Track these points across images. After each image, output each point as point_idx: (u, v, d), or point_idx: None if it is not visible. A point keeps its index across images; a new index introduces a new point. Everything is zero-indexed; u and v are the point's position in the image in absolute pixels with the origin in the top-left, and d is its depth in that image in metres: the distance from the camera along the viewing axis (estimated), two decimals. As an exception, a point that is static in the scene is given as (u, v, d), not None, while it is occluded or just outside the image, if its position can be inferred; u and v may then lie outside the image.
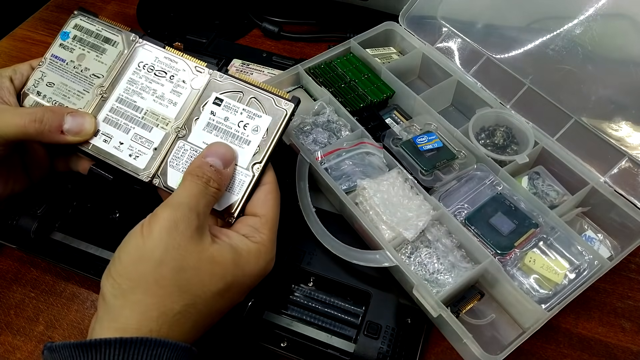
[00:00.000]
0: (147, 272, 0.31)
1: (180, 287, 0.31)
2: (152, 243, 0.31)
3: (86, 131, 0.40)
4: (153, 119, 0.40)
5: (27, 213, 0.46)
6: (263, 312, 0.42)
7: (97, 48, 0.42)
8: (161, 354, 0.29)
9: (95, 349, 0.28)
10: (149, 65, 0.41)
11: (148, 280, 0.31)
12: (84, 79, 0.42)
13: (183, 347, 0.31)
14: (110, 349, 0.28)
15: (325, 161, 0.47)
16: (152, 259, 0.31)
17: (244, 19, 0.73)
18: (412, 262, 0.42)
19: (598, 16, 0.46)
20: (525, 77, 0.51)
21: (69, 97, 0.42)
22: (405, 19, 0.59)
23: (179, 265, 0.31)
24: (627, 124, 0.45)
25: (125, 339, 0.29)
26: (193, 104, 0.40)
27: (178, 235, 0.32)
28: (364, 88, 0.54)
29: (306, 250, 0.45)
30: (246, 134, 0.38)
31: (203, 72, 0.41)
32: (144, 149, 0.40)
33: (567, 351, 0.43)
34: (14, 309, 0.46)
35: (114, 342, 0.28)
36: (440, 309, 0.38)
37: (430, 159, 0.47)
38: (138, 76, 0.41)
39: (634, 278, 0.47)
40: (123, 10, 0.75)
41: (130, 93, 0.41)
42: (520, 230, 0.43)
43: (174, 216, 0.32)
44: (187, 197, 0.33)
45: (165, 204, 0.33)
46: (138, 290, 0.31)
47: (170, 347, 0.30)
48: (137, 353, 0.29)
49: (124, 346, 0.28)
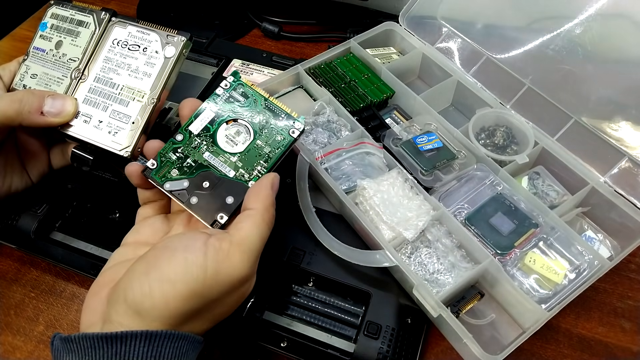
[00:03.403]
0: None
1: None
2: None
3: (66, 112, 0.40)
4: (129, 93, 0.41)
5: (27, 213, 0.46)
6: (263, 312, 0.42)
7: (72, 32, 0.43)
8: (181, 346, 0.31)
9: (121, 340, 0.29)
10: (123, 41, 0.42)
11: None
12: (62, 64, 0.43)
13: (198, 340, 0.33)
14: (137, 341, 0.29)
15: (325, 161, 0.47)
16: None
17: (244, 19, 0.73)
18: (412, 262, 0.42)
19: (598, 16, 0.46)
20: (525, 77, 0.51)
21: (50, 85, 0.43)
22: (405, 19, 0.59)
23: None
24: (627, 124, 0.45)
25: (151, 332, 0.29)
26: (167, 73, 0.41)
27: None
28: (364, 88, 0.54)
29: (306, 250, 0.45)
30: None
31: (175, 40, 0.41)
32: (122, 124, 0.40)
33: (567, 351, 0.43)
34: (14, 309, 0.46)
35: (140, 334, 0.29)
36: (440, 309, 0.38)
37: (430, 159, 0.47)
38: (113, 53, 0.42)
39: (634, 278, 0.47)
40: (123, 10, 0.75)
41: (106, 71, 0.42)
42: (520, 230, 0.43)
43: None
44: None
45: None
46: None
47: (189, 339, 0.31)
48: (161, 345, 0.30)
49: (150, 339, 0.29)
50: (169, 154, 0.38)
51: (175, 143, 0.38)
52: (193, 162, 0.37)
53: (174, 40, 0.41)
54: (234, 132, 0.37)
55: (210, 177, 0.37)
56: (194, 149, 0.37)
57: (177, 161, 0.37)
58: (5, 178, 0.43)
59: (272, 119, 0.38)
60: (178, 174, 0.37)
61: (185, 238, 0.34)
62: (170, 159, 0.37)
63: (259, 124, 0.38)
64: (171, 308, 0.30)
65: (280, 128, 0.38)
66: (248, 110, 0.38)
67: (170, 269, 0.31)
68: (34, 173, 0.45)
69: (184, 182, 0.37)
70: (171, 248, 0.33)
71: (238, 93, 0.39)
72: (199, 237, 0.33)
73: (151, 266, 0.32)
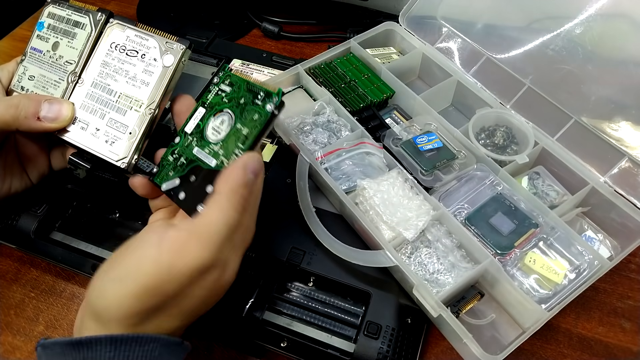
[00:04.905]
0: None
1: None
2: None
3: (63, 117, 0.39)
4: (127, 101, 0.40)
5: (27, 213, 0.46)
6: (263, 312, 0.42)
7: (68, 33, 0.42)
8: (151, 349, 0.29)
9: (87, 346, 0.28)
10: (121, 46, 0.40)
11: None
12: (59, 67, 0.42)
13: (174, 342, 0.30)
14: (101, 347, 0.28)
15: (325, 161, 0.47)
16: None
17: (244, 19, 0.73)
18: (412, 262, 0.42)
19: (598, 16, 0.46)
20: (525, 77, 0.51)
21: (47, 88, 0.42)
22: (405, 19, 0.59)
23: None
24: (627, 124, 0.45)
25: (115, 336, 0.28)
26: (165, 82, 0.39)
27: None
28: (364, 88, 0.54)
29: (306, 250, 0.45)
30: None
31: (174, 48, 0.40)
32: (119, 133, 0.39)
33: (567, 351, 0.43)
34: (14, 309, 0.46)
35: (103, 339, 0.28)
36: (440, 309, 0.38)
37: (430, 159, 0.47)
38: (111, 58, 0.41)
39: (634, 278, 0.47)
40: (123, 10, 0.75)
41: (104, 76, 0.40)
42: (520, 230, 0.43)
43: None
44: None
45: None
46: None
47: (159, 341, 0.29)
48: (128, 349, 0.28)
49: (114, 343, 0.28)
50: (168, 157, 0.38)
51: (173, 146, 0.38)
52: (185, 159, 0.37)
53: (173, 48, 0.40)
54: (219, 122, 0.37)
55: (196, 171, 0.37)
56: (186, 147, 0.37)
57: (173, 162, 0.37)
58: (5, 180, 0.42)
59: (251, 99, 0.37)
60: (173, 173, 0.37)
61: (144, 232, 0.33)
62: (169, 161, 0.38)
63: (240, 107, 0.37)
64: (124, 307, 0.29)
65: (258, 106, 0.36)
66: (233, 98, 0.38)
67: (122, 266, 0.30)
68: (34, 174, 0.45)
69: (176, 180, 0.37)
70: (130, 245, 0.32)
71: (226, 84, 0.38)
72: (157, 230, 0.32)
73: (111, 265, 0.31)
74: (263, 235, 0.45)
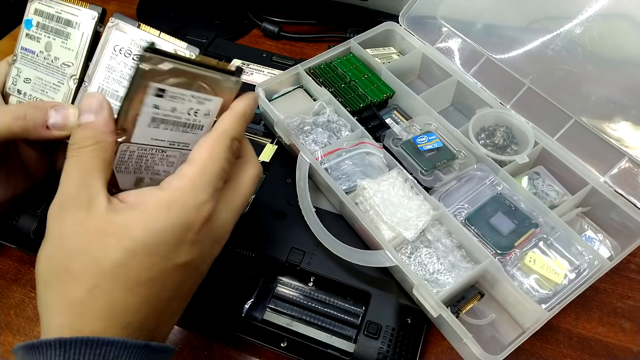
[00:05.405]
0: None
1: (73, 273, 0.28)
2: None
3: (71, 125, 0.38)
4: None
5: (27, 213, 0.46)
6: (263, 312, 0.42)
7: (61, 33, 0.40)
8: (105, 353, 0.27)
9: (38, 350, 0.27)
10: (126, 49, 0.38)
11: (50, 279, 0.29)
12: (56, 69, 0.40)
13: (135, 345, 0.28)
14: (51, 351, 0.27)
15: (325, 161, 0.47)
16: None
17: (244, 19, 0.73)
18: (412, 262, 0.42)
19: (598, 16, 0.46)
20: (525, 77, 0.51)
21: (47, 92, 0.40)
22: (405, 19, 0.59)
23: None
24: (627, 124, 0.45)
25: (64, 339, 0.27)
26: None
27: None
28: (364, 88, 0.54)
29: (306, 250, 0.45)
30: (198, 120, 0.34)
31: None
32: None
33: (567, 351, 0.43)
34: (14, 309, 0.46)
35: (53, 343, 0.27)
36: (440, 309, 0.38)
37: (430, 159, 0.47)
38: (116, 62, 0.38)
39: (634, 278, 0.47)
40: (123, 10, 0.75)
41: (110, 82, 0.39)
42: (520, 230, 0.43)
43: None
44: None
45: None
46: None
47: (117, 345, 0.27)
48: (79, 353, 0.27)
49: (63, 347, 0.27)
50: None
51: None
52: None
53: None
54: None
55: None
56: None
57: None
58: (9, 184, 0.42)
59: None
60: None
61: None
62: None
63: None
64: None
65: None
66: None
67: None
68: (37, 176, 0.44)
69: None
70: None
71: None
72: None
73: None
74: (263, 235, 0.45)
